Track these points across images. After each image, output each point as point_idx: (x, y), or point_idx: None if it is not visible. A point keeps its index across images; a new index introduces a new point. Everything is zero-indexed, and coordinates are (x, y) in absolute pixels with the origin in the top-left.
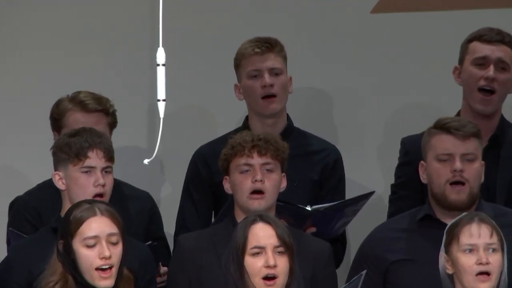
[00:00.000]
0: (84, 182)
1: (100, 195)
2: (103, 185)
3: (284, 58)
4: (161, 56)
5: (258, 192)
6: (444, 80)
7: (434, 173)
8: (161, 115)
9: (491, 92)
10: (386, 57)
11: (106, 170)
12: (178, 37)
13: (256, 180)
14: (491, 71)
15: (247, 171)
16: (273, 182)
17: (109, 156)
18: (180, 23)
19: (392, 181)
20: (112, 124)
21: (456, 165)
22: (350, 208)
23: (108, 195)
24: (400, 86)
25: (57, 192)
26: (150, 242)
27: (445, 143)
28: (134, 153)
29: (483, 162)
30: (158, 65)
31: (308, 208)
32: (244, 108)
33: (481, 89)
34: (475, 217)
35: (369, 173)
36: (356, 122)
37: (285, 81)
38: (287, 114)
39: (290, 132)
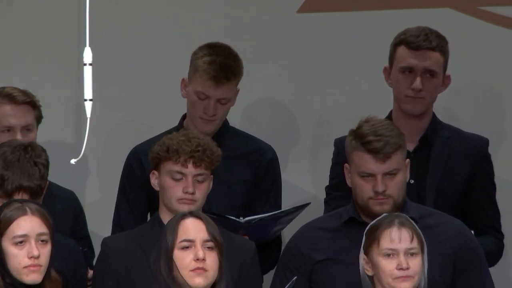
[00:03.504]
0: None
1: None
2: None
3: (238, 82)
4: (87, 55)
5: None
6: (374, 80)
7: (357, 187)
8: (88, 115)
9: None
10: (313, 57)
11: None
12: (105, 36)
13: (187, 192)
14: (417, 82)
15: (179, 179)
16: (204, 191)
17: (35, 194)
18: (107, 22)
19: (323, 182)
20: (39, 118)
21: (378, 187)
22: (284, 218)
23: None
24: (330, 87)
25: None
26: (80, 249)
27: (366, 162)
28: (60, 152)
29: (408, 160)
30: (85, 64)
31: (241, 219)
32: (172, 107)
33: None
34: (395, 220)
35: (301, 175)
36: (286, 124)
37: (229, 107)
38: None
39: (225, 132)
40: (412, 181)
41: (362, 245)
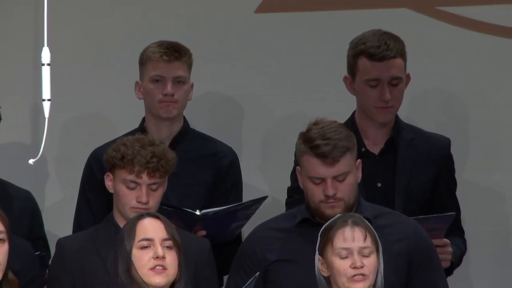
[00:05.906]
0: None
1: None
2: None
3: (190, 66)
4: (46, 55)
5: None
6: (333, 82)
7: (308, 190)
8: (46, 115)
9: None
10: (271, 56)
11: None
12: (63, 36)
13: (141, 202)
14: (386, 92)
15: (133, 188)
16: (157, 198)
17: None
18: (65, 22)
19: (287, 183)
20: None
21: (328, 191)
22: (242, 212)
23: None
24: (290, 88)
25: None
26: (38, 253)
27: (315, 167)
28: (19, 152)
29: (359, 161)
30: (43, 64)
31: (197, 212)
32: (132, 108)
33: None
34: (348, 220)
35: (266, 176)
36: (248, 125)
37: (187, 89)
38: (184, 117)
39: (185, 134)
40: (379, 184)
41: (317, 246)
